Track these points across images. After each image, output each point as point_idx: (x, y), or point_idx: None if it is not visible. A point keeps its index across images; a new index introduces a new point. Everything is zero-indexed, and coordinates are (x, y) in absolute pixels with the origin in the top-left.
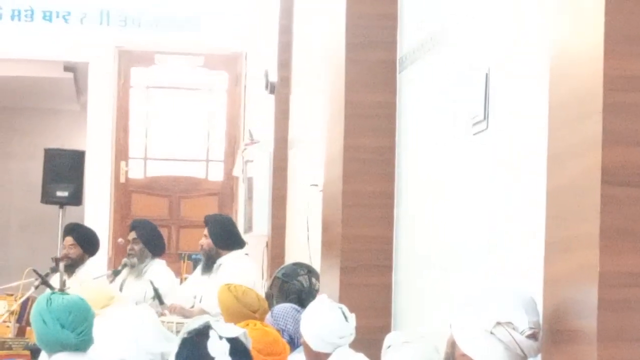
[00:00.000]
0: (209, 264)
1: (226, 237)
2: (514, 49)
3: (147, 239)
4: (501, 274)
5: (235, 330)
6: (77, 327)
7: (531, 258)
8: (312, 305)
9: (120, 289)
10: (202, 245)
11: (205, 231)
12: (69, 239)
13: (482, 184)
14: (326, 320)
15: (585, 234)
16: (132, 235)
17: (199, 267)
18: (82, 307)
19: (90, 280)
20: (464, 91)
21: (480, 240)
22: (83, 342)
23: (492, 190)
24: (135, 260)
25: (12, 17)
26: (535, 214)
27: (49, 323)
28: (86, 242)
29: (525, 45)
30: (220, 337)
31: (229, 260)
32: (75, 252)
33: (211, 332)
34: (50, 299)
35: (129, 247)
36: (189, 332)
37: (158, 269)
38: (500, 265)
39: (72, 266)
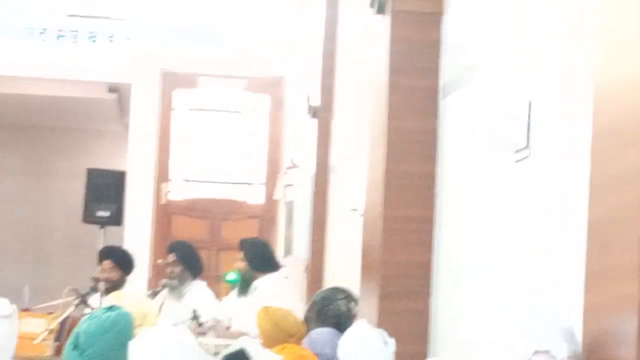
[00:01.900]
0: (245, 287)
1: (261, 259)
2: (557, 78)
3: (187, 260)
4: (545, 305)
5: (272, 358)
6: (87, 349)
7: (573, 286)
8: (351, 330)
9: (160, 310)
10: (239, 270)
11: (241, 255)
12: (108, 263)
13: (524, 212)
14: (365, 345)
15: (626, 264)
16: (172, 257)
17: (235, 289)
18: (98, 329)
19: (128, 294)
20: (506, 119)
21: (519, 269)
22: None
23: (534, 218)
24: (176, 282)
25: (58, 38)
26: (579, 242)
27: (69, 342)
28: (125, 263)
29: (568, 74)
30: None
31: (265, 283)
32: (115, 274)
33: None
34: (90, 318)
35: (169, 269)
36: (225, 357)
37: (198, 291)
38: (545, 296)
39: (112, 289)
